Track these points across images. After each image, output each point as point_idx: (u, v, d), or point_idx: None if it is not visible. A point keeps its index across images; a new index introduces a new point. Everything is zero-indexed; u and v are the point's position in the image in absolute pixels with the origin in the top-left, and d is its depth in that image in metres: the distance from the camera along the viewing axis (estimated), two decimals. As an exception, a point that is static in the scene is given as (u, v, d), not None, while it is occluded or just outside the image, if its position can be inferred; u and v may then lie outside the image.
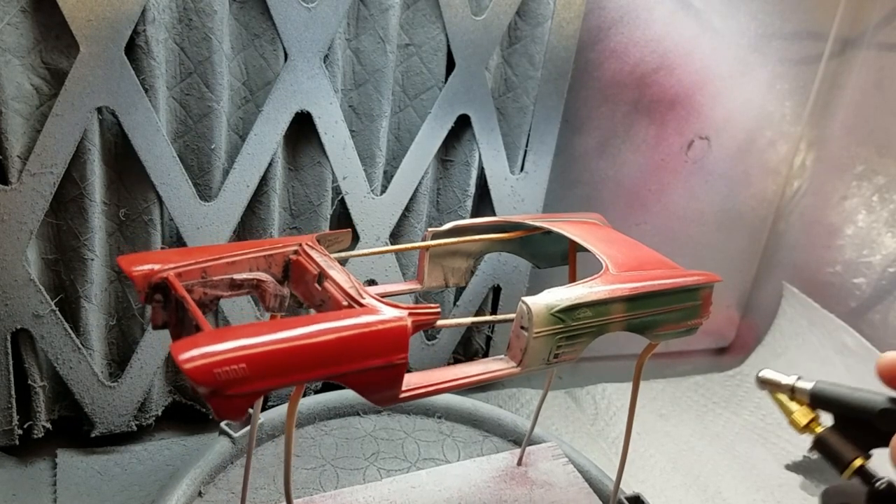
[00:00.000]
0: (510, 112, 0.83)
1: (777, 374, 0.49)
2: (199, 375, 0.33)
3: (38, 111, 0.63)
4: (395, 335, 0.40)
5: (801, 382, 0.48)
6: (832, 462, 0.45)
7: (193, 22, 0.66)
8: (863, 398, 0.44)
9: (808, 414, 0.47)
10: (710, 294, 0.57)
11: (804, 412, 0.47)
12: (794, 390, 0.48)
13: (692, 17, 0.90)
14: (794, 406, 0.48)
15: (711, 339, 1.14)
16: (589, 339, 0.51)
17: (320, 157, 0.75)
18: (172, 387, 0.78)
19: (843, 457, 0.44)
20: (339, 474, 0.72)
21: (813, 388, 0.47)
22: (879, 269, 0.97)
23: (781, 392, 0.49)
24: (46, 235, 0.68)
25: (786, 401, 0.48)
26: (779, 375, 0.49)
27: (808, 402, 0.47)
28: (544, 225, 0.62)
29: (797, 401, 0.48)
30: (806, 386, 0.47)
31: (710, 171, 1.00)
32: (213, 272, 0.47)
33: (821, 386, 0.47)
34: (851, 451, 0.44)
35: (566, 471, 0.74)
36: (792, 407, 0.48)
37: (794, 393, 0.48)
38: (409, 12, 0.75)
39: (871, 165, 0.99)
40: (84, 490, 0.69)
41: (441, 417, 0.82)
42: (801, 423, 0.47)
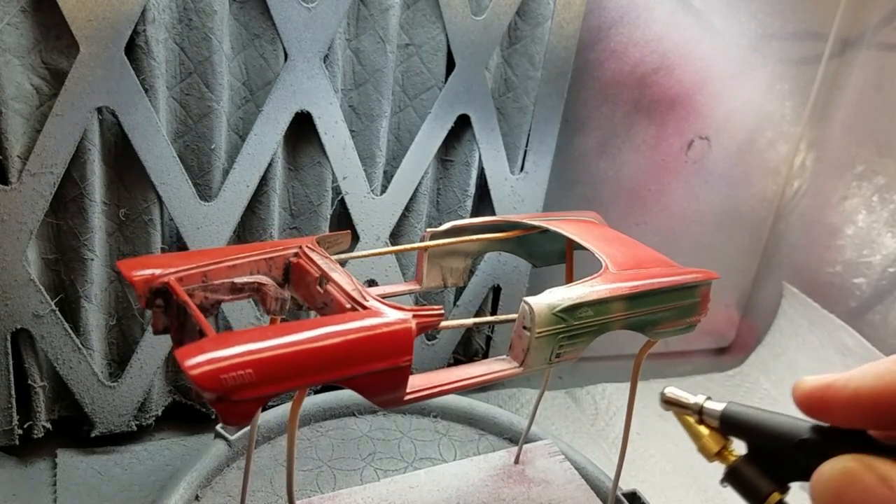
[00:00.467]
0: (510, 112, 0.83)
1: (683, 392, 0.42)
2: (205, 381, 0.33)
3: (38, 111, 0.63)
4: (399, 337, 0.40)
5: (711, 403, 0.39)
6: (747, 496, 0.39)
7: (193, 22, 0.66)
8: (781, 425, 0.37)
9: (720, 441, 0.39)
10: (709, 291, 0.58)
11: (715, 438, 0.40)
12: (703, 412, 0.41)
13: (692, 17, 0.90)
14: (704, 430, 0.41)
15: (711, 339, 1.14)
16: (590, 338, 0.51)
17: (320, 157, 0.75)
18: (172, 387, 0.78)
19: (759, 491, 0.38)
20: (336, 475, 0.72)
21: (724, 410, 0.39)
22: (879, 269, 0.97)
23: (689, 414, 0.42)
24: (46, 235, 0.67)
25: (694, 424, 0.42)
26: (685, 395, 0.41)
27: (719, 426, 0.39)
28: (541, 224, 0.62)
29: (707, 425, 0.42)
30: (716, 408, 0.39)
31: (710, 171, 1.00)
32: (213, 276, 0.46)
33: (733, 408, 0.39)
34: (768, 484, 0.38)
35: (563, 468, 0.74)
36: (702, 431, 0.41)
37: (703, 415, 0.41)
38: (409, 12, 0.75)
39: (871, 165, 0.99)
40: (84, 490, 0.69)
41: (437, 416, 0.82)
42: (713, 451, 0.40)
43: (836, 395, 0.32)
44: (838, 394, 0.32)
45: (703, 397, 0.41)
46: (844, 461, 0.31)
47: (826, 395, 0.33)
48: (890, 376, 0.30)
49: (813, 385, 0.33)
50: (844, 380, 0.32)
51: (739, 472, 0.38)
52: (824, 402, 0.33)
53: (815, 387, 0.33)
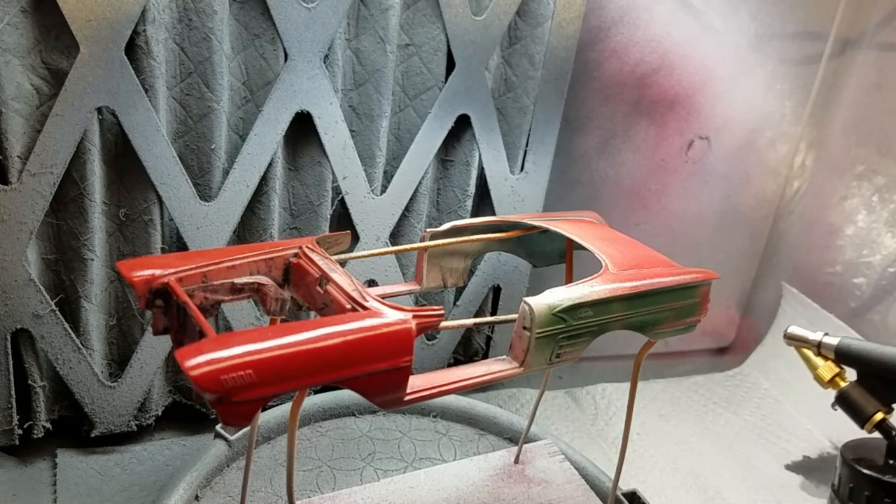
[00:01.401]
0: (510, 112, 0.83)
1: (804, 330, 0.51)
2: (206, 382, 0.33)
3: (38, 111, 0.63)
4: (400, 338, 0.40)
5: (828, 338, 0.50)
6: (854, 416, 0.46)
7: (193, 22, 0.66)
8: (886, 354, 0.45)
9: (833, 369, 0.48)
10: (709, 291, 0.58)
11: (829, 367, 0.48)
12: (821, 346, 0.49)
13: (692, 17, 0.90)
14: (820, 361, 0.49)
15: (711, 339, 1.14)
16: (590, 338, 0.51)
17: (320, 157, 0.75)
18: (172, 387, 0.78)
19: (864, 411, 0.45)
20: (336, 476, 0.72)
21: (839, 343, 0.48)
22: (879, 269, 0.97)
23: (808, 348, 0.50)
24: (46, 235, 0.67)
25: (812, 356, 0.50)
26: (805, 332, 0.51)
27: (834, 357, 0.48)
28: (541, 224, 0.62)
29: (823, 356, 0.49)
30: (832, 342, 0.49)
31: (710, 171, 1.00)
32: (213, 276, 0.46)
33: (846, 342, 0.49)
34: (873, 405, 0.45)
35: (563, 468, 0.74)
36: (818, 362, 0.49)
37: (821, 348, 0.50)
38: (409, 12, 0.75)
39: (871, 165, 0.99)
40: (84, 490, 0.69)
41: (437, 416, 0.82)
42: (826, 378, 0.48)
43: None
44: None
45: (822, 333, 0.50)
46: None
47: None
48: None
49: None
50: None
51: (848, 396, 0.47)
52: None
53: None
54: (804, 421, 0.96)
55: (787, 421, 0.96)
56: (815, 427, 0.95)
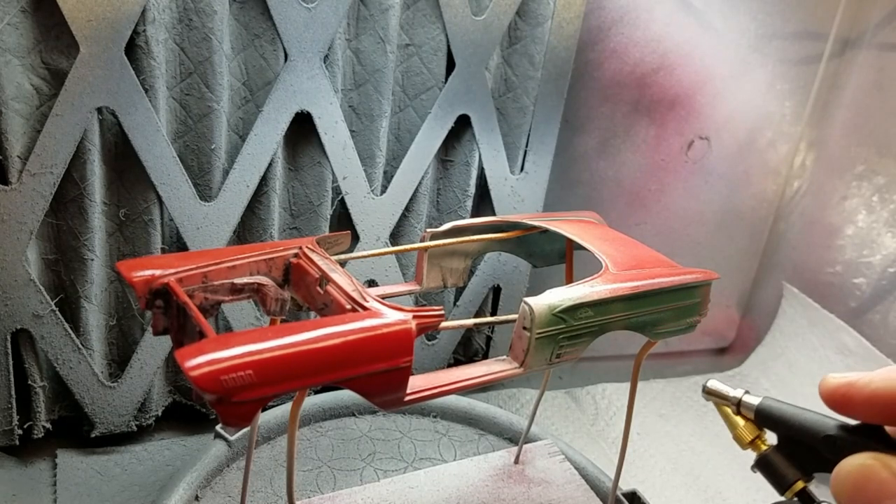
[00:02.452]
0: (510, 112, 0.83)
1: (724, 386, 0.48)
2: (205, 383, 0.33)
3: (38, 111, 0.63)
4: (400, 338, 0.40)
5: (748, 397, 0.46)
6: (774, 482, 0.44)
7: (193, 22, 0.66)
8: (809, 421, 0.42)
9: (754, 431, 0.45)
10: (709, 291, 0.58)
11: (750, 428, 0.45)
12: (741, 405, 0.47)
13: (692, 17, 0.90)
14: (740, 421, 0.47)
15: (711, 339, 1.14)
16: (590, 338, 0.51)
17: (320, 157, 0.75)
18: (172, 387, 0.78)
19: (785, 478, 0.43)
20: (336, 476, 0.72)
21: (759, 404, 0.45)
22: (879, 269, 0.97)
23: (727, 405, 0.48)
24: (46, 235, 0.67)
25: (731, 414, 0.47)
26: (726, 388, 0.48)
27: (754, 418, 0.46)
28: (541, 224, 0.62)
29: (743, 416, 0.47)
30: (752, 402, 0.45)
31: (710, 171, 1.00)
32: (213, 277, 0.46)
33: (767, 403, 0.45)
34: (794, 472, 0.43)
35: (563, 468, 0.74)
36: (738, 421, 0.47)
37: (741, 408, 0.47)
38: (409, 12, 0.75)
39: (871, 165, 0.99)
40: (84, 490, 0.69)
41: (437, 417, 0.82)
42: (746, 440, 0.46)
43: (857, 392, 0.36)
44: (860, 392, 0.36)
45: (742, 391, 0.49)
46: (863, 458, 0.35)
47: (849, 392, 0.36)
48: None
49: (837, 382, 0.37)
50: (866, 380, 0.36)
51: (769, 461, 0.44)
52: (847, 398, 0.36)
53: (840, 384, 0.37)
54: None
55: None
56: (815, 427, 0.95)
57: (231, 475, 0.70)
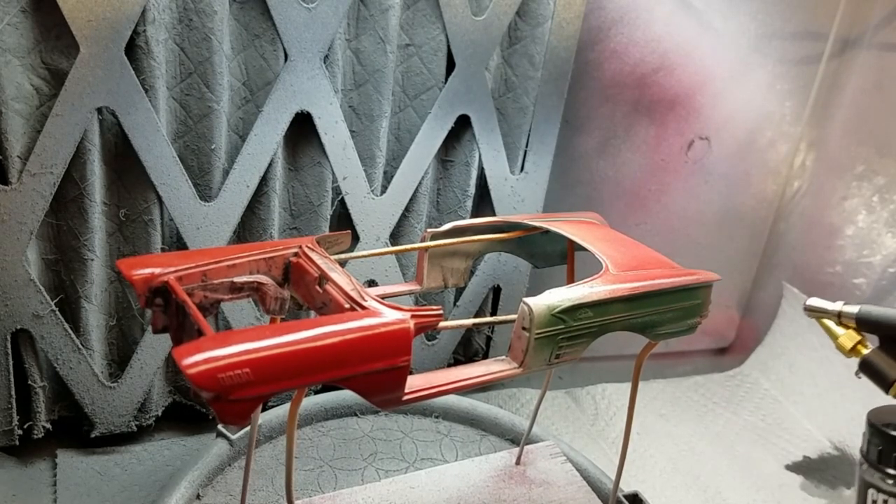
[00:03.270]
0: (510, 112, 0.83)
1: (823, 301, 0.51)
2: (203, 380, 0.33)
3: (38, 111, 0.63)
4: (398, 338, 0.40)
5: (848, 307, 0.49)
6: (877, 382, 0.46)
7: (193, 22, 0.66)
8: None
9: (854, 337, 0.48)
10: (710, 293, 0.57)
11: (850, 335, 0.48)
12: (841, 315, 0.49)
13: (692, 17, 0.90)
14: (841, 330, 0.49)
15: (711, 339, 1.14)
16: (590, 339, 0.51)
17: (320, 157, 0.75)
18: (172, 387, 0.78)
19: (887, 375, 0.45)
20: (338, 475, 0.72)
21: (859, 311, 0.48)
22: (879, 269, 0.97)
23: (828, 317, 0.50)
24: (46, 235, 0.67)
25: (832, 326, 0.49)
26: (825, 302, 0.51)
27: (855, 325, 0.48)
28: (542, 225, 0.62)
29: (843, 325, 0.49)
30: (852, 310, 0.48)
31: (710, 171, 1.00)
32: (213, 275, 0.46)
33: (867, 309, 0.48)
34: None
35: (564, 469, 0.74)
36: (838, 331, 0.49)
37: (841, 318, 0.49)
38: (409, 12, 0.75)
39: (871, 166, 0.99)
40: (84, 490, 0.69)
41: (438, 417, 0.82)
42: (847, 346, 0.48)
43: None
44: None
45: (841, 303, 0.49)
46: None
47: None
48: None
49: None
50: None
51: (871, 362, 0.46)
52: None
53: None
54: (804, 421, 0.96)
55: (787, 421, 0.96)
56: (815, 427, 0.95)
57: (232, 474, 0.70)
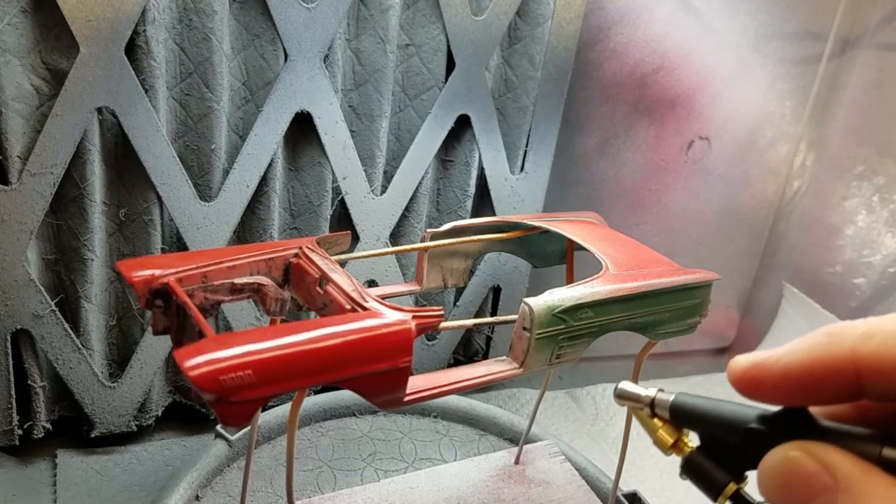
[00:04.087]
0: (510, 112, 0.83)
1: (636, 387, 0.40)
2: (204, 382, 0.33)
3: (38, 111, 0.63)
4: (399, 339, 0.40)
5: (662, 395, 0.38)
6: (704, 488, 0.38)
7: (193, 22, 0.66)
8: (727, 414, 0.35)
9: (674, 433, 0.38)
10: (710, 292, 0.57)
11: (669, 430, 0.38)
12: (654, 405, 0.40)
13: (692, 17, 0.90)
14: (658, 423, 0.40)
15: (711, 339, 1.14)
16: (590, 339, 0.51)
17: (320, 157, 0.75)
18: (172, 387, 0.78)
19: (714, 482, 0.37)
20: (337, 476, 0.72)
21: (672, 401, 0.39)
22: (879, 270, 0.97)
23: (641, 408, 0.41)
24: (46, 235, 0.67)
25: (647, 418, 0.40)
26: (637, 389, 0.40)
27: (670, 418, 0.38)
28: (542, 224, 0.62)
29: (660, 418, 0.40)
30: (666, 399, 0.38)
31: (710, 171, 1.00)
32: (213, 276, 0.46)
33: (681, 399, 0.36)
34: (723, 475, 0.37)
35: (564, 469, 0.74)
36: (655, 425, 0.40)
37: (655, 408, 0.40)
38: (409, 12, 0.75)
39: (871, 165, 0.99)
40: (84, 490, 0.69)
41: (437, 417, 0.82)
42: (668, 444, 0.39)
43: (766, 372, 0.31)
44: (769, 371, 0.31)
45: (655, 390, 0.39)
46: (786, 450, 0.30)
47: (758, 373, 0.31)
48: (820, 349, 0.29)
49: (745, 364, 0.32)
50: (775, 357, 0.31)
51: (695, 464, 0.36)
52: (757, 381, 0.31)
53: (747, 366, 0.32)
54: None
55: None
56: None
57: (231, 475, 0.70)
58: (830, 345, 0.29)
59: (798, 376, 0.30)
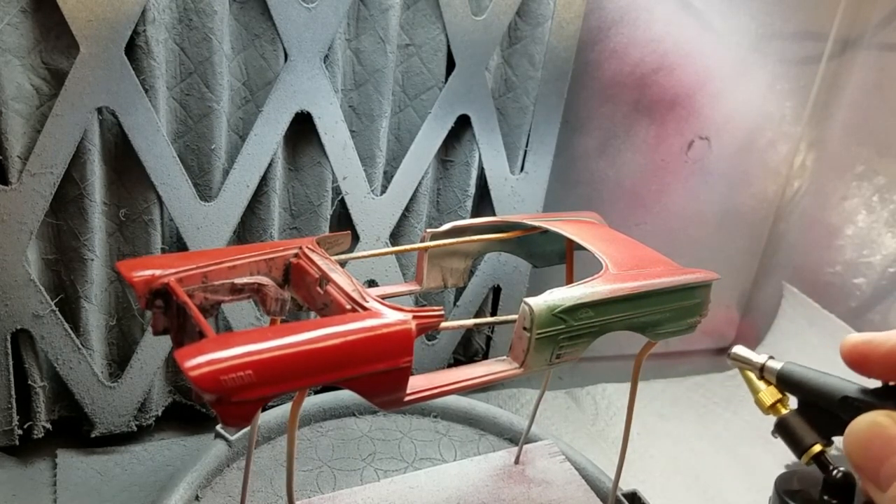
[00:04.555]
0: (510, 112, 0.83)
1: (749, 351, 0.46)
2: (205, 382, 0.33)
3: (38, 111, 0.63)
4: (400, 339, 0.40)
5: (772, 362, 0.44)
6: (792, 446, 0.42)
7: (193, 22, 0.66)
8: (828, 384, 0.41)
9: (775, 395, 0.44)
10: (710, 292, 0.57)
11: (771, 392, 0.44)
12: (764, 369, 0.45)
13: (692, 17, 0.90)
14: (762, 385, 0.45)
15: (711, 339, 1.14)
16: (591, 338, 0.51)
17: (320, 157, 0.75)
18: (172, 387, 0.78)
19: (802, 441, 0.41)
20: (337, 476, 0.72)
21: (781, 368, 0.43)
22: (879, 269, 0.97)
23: (751, 370, 0.46)
24: (46, 235, 0.67)
25: (754, 379, 0.45)
26: (750, 353, 0.46)
27: (776, 382, 0.44)
28: (542, 224, 0.62)
29: (766, 381, 0.45)
30: (775, 366, 0.44)
31: (710, 171, 1.00)
32: (213, 277, 0.46)
33: (789, 367, 0.43)
34: (812, 436, 0.41)
35: (563, 468, 0.74)
36: (759, 386, 0.45)
37: (763, 372, 0.45)
38: (409, 12, 0.75)
39: (871, 165, 0.99)
40: (84, 490, 0.69)
41: (437, 417, 0.82)
42: (767, 404, 0.44)
43: (874, 350, 0.35)
44: (876, 349, 0.35)
45: (766, 356, 0.45)
46: (875, 415, 0.34)
47: (866, 350, 0.35)
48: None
49: (856, 340, 0.36)
50: (884, 337, 0.35)
51: (787, 424, 0.42)
52: (864, 356, 0.36)
53: (858, 342, 0.36)
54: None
55: (787, 421, 0.96)
56: (815, 427, 0.94)
57: (231, 475, 0.70)
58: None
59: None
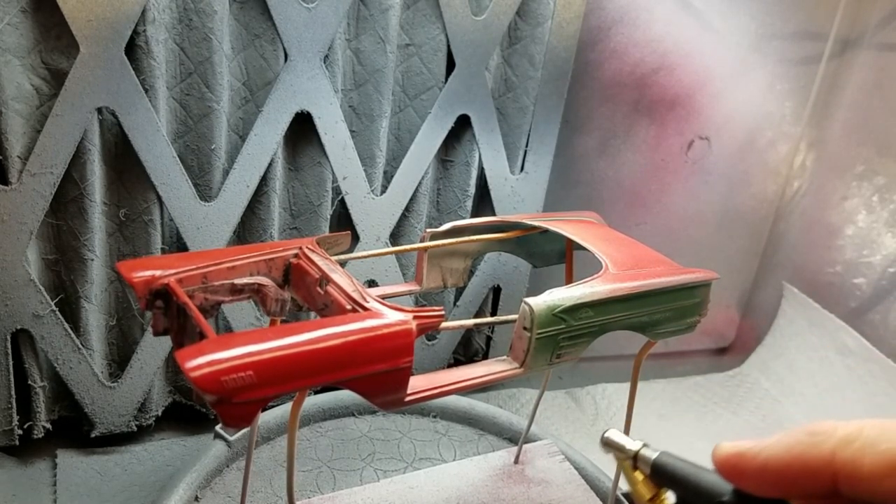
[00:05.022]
0: (510, 112, 0.83)
1: (622, 437, 0.40)
2: (206, 383, 0.33)
3: (38, 111, 0.63)
4: (400, 339, 0.40)
5: (646, 451, 0.39)
6: None
7: (193, 22, 0.66)
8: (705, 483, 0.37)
9: (652, 488, 0.39)
10: (709, 291, 0.57)
11: (648, 485, 0.39)
12: (638, 459, 0.39)
13: (692, 17, 0.90)
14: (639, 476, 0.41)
15: (711, 339, 1.14)
16: (591, 338, 0.51)
17: (320, 157, 0.75)
18: (172, 387, 0.78)
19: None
20: (336, 476, 0.72)
21: (655, 460, 0.38)
22: (879, 269, 0.97)
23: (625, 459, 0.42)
24: (46, 235, 0.67)
25: (629, 469, 0.40)
26: (623, 439, 0.40)
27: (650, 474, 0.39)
28: (541, 224, 0.62)
29: (641, 471, 0.39)
30: (649, 456, 0.39)
31: (710, 171, 1.00)
32: (213, 277, 0.46)
33: (663, 459, 0.38)
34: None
35: (563, 468, 0.74)
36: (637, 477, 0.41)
37: (637, 462, 0.41)
38: (409, 12, 0.75)
39: (871, 165, 0.99)
40: (84, 490, 0.69)
41: (436, 417, 0.82)
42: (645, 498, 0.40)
43: (748, 463, 0.33)
44: (750, 463, 0.33)
45: (640, 444, 0.40)
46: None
47: (739, 462, 0.33)
48: (799, 448, 0.30)
49: (728, 452, 0.34)
50: (757, 449, 0.32)
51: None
52: (738, 469, 0.33)
53: (730, 454, 0.33)
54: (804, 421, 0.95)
55: (787, 421, 0.96)
56: (815, 427, 0.94)
57: (231, 475, 0.70)
58: (811, 445, 0.30)
59: (777, 471, 0.31)
